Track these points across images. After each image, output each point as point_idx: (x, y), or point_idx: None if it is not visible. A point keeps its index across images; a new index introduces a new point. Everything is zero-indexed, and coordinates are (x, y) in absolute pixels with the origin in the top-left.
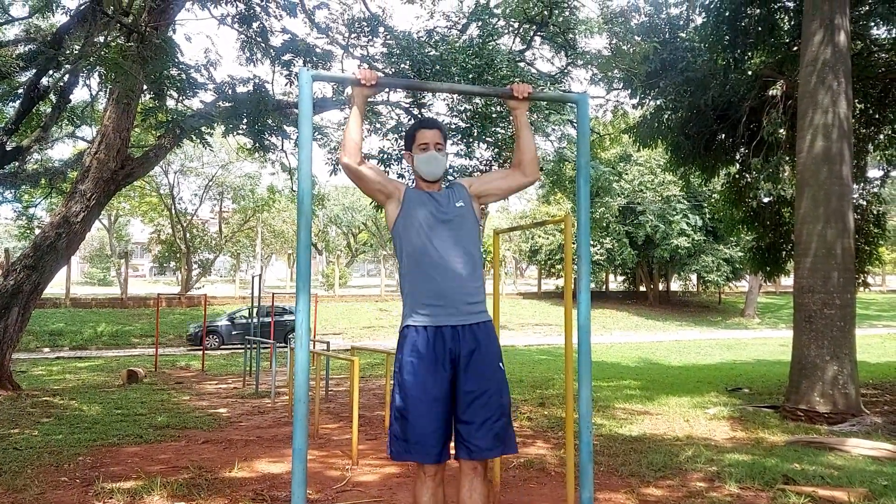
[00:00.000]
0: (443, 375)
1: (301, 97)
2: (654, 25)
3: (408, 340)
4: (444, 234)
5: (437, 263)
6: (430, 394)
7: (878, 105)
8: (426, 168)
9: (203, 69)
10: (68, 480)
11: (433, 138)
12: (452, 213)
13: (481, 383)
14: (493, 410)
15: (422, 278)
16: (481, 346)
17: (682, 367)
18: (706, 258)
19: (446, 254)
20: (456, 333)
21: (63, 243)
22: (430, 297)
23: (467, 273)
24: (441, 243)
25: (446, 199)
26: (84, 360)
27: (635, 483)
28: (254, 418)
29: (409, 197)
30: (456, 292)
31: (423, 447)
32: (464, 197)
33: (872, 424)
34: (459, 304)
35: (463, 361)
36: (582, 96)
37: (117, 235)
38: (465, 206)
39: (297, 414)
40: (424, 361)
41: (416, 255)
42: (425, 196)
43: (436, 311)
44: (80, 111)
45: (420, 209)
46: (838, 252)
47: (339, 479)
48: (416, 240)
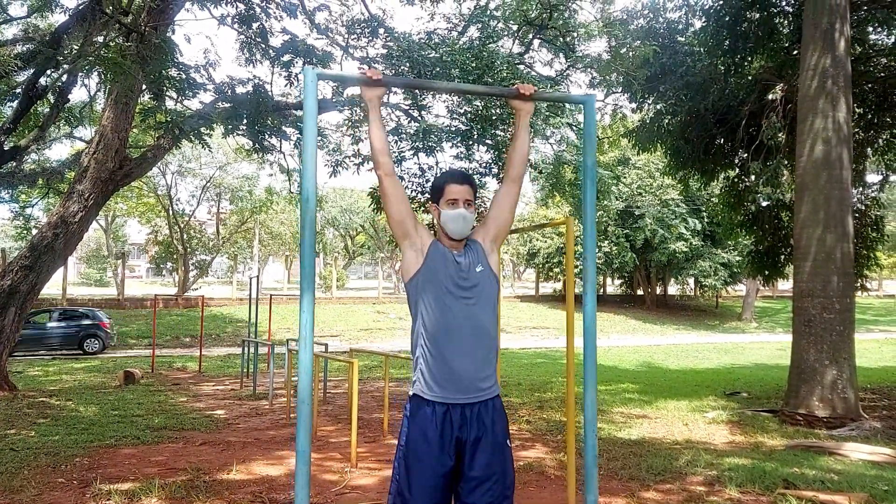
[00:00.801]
0: (447, 463)
1: (305, 96)
2: (654, 30)
3: (416, 421)
4: (463, 307)
5: (453, 342)
6: (433, 480)
7: (876, 110)
8: (454, 226)
9: (202, 69)
10: (65, 482)
11: (463, 194)
12: (473, 279)
13: (485, 470)
14: (495, 495)
15: (436, 354)
16: (488, 431)
17: (679, 370)
18: (704, 262)
19: (464, 332)
20: (464, 417)
21: (60, 243)
22: (442, 375)
23: (482, 354)
24: (459, 321)
25: (467, 263)
26: (80, 360)
27: (635, 487)
28: (251, 420)
29: (432, 254)
30: (469, 373)
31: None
32: (482, 260)
33: (871, 429)
34: (471, 384)
35: (469, 448)
36: (588, 97)
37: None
38: (484, 270)
39: (300, 415)
40: (431, 448)
41: (432, 327)
42: (449, 257)
43: (447, 389)
44: (78, 111)
45: (442, 272)
46: (838, 256)
47: (337, 482)
48: (435, 311)
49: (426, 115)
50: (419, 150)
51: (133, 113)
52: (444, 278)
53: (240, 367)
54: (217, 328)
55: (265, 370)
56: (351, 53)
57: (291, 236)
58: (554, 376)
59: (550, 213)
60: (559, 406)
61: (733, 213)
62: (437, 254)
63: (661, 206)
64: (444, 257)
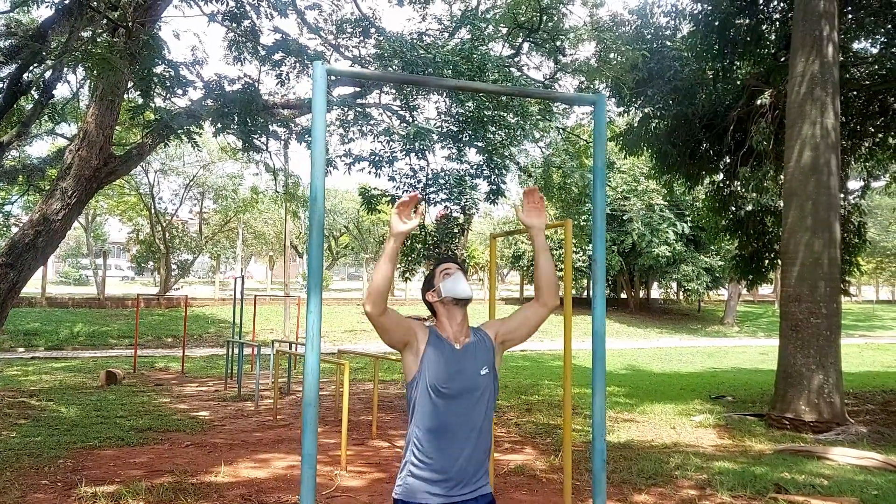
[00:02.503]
0: None
1: (315, 92)
2: (642, 34)
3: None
4: (461, 409)
5: (449, 443)
6: None
7: (860, 117)
8: (457, 287)
9: (191, 67)
10: (49, 483)
11: (454, 266)
12: (475, 382)
13: None
14: None
15: (431, 453)
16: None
17: (664, 374)
18: (687, 267)
19: (460, 434)
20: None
21: (42, 241)
22: (436, 474)
23: (477, 455)
24: (457, 420)
25: (471, 362)
26: (60, 360)
27: (627, 490)
28: (237, 421)
29: (428, 356)
30: (463, 473)
31: None
32: (489, 360)
33: (857, 433)
34: (463, 483)
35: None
36: (599, 97)
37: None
38: (489, 373)
39: (306, 418)
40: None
41: (425, 426)
42: (448, 353)
43: (439, 488)
44: (61, 107)
45: (441, 370)
46: (825, 262)
47: (326, 486)
48: (432, 414)
49: (418, 117)
50: (410, 152)
51: (118, 110)
52: (444, 381)
53: (224, 367)
54: (199, 328)
55: (249, 371)
56: (342, 53)
57: (275, 236)
58: (540, 379)
59: None
60: (547, 409)
61: (718, 217)
62: (434, 353)
63: (647, 210)
64: (442, 355)
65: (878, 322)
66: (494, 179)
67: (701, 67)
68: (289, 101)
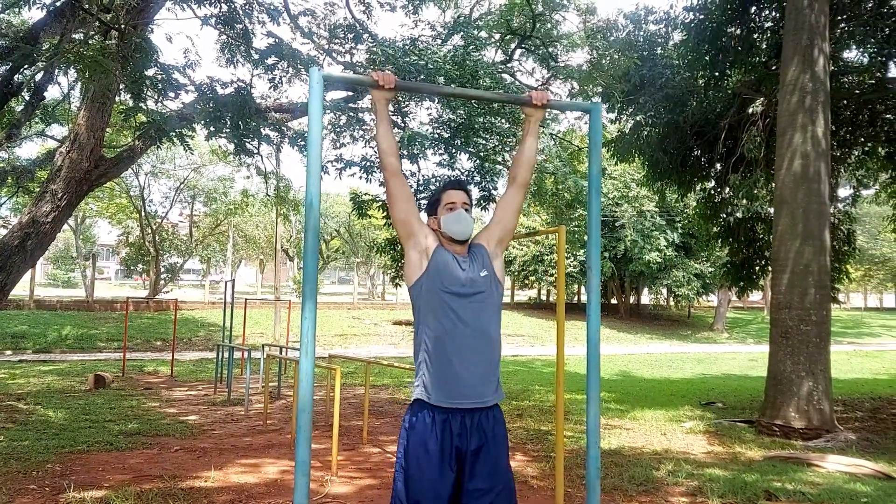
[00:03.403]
0: (449, 475)
1: (311, 97)
2: (634, 42)
3: (416, 432)
4: (467, 311)
5: (456, 346)
6: (435, 492)
7: (850, 126)
8: (456, 227)
9: (183, 70)
10: (37, 488)
11: (461, 198)
12: (478, 285)
13: (487, 482)
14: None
15: (438, 359)
16: (489, 442)
17: (654, 380)
18: (677, 273)
19: (467, 337)
20: (464, 426)
21: (32, 244)
22: (443, 379)
23: (485, 359)
24: (463, 325)
25: (471, 267)
26: (48, 363)
27: (618, 497)
28: (227, 426)
29: (435, 259)
30: (471, 378)
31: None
32: (486, 264)
33: (846, 440)
34: (472, 390)
35: (470, 458)
36: (595, 105)
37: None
38: (489, 276)
39: (300, 424)
40: (431, 458)
41: (435, 331)
42: (452, 262)
43: (448, 394)
44: (51, 109)
45: (446, 277)
46: (815, 269)
47: (317, 492)
48: (439, 316)
49: (409, 123)
50: (403, 157)
51: (110, 112)
52: (449, 283)
53: (213, 371)
54: (189, 332)
55: (239, 375)
56: (335, 58)
57: (266, 240)
58: (531, 384)
59: (528, 222)
60: (538, 414)
61: (709, 224)
62: (441, 258)
63: (638, 216)
64: (448, 262)
65: (866, 329)
66: (486, 185)
67: (692, 75)
68: (281, 104)
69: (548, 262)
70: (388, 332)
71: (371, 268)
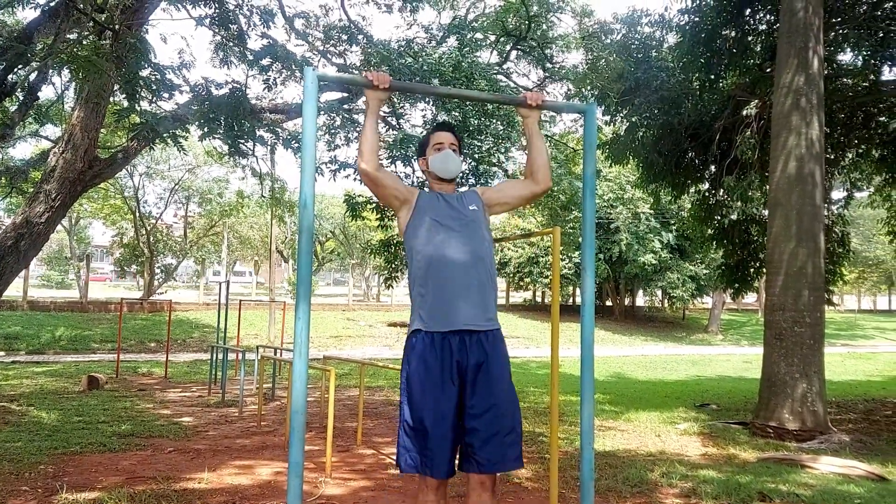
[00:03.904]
0: (451, 390)
1: (305, 98)
2: (628, 44)
3: (415, 352)
4: (457, 240)
5: (449, 271)
6: (439, 409)
7: (844, 128)
8: (441, 165)
9: (178, 70)
10: (30, 489)
11: (448, 139)
12: (466, 216)
13: (490, 397)
14: (502, 424)
15: (433, 285)
16: (489, 359)
17: (649, 381)
18: (672, 275)
19: (459, 261)
20: (463, 343)
21: (25, 245)
22: (440, 303)
23: (479, 281)
24: (454, 251)
25: (459, 203)
26: (42, 364)
27: (612, 498)
28: (221, 428)
29: (421, 201)
30: (466, 303)
31: (435, 462)
32: (476, 202)
33: (840, 442)
34: (468, 313)
35: (471, 375)
36: (590, 106)
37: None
38: (478, 211)
39: (294, 425)
40: (432, 376)
41: (427, 261)
42: (438, 199)
43: (445, 318)
44: (45, 109)
45: (432, 212)
46: (809, 271)
47: (310, 493)
48: (429, 246)
49: (405, 125)
50: (397, 160)
51: (104, 112)
52: (436, 215)
53: (208, 373)
54: (183, 333)
55: (233, 376)
56: (329, 59)
57: (261, 241)
58: (526, 386)
59: (524, 224)
60: (533, 416)
61: (704, 226)
62: (427, 198)
63: (633, 218)
64: (435, 198)
65: (859, 331)
66: (485, 183)
67: (687, 77)
68: (276, 105)
69: (543, 264)
70: (382, 333)
71: (366, 269)
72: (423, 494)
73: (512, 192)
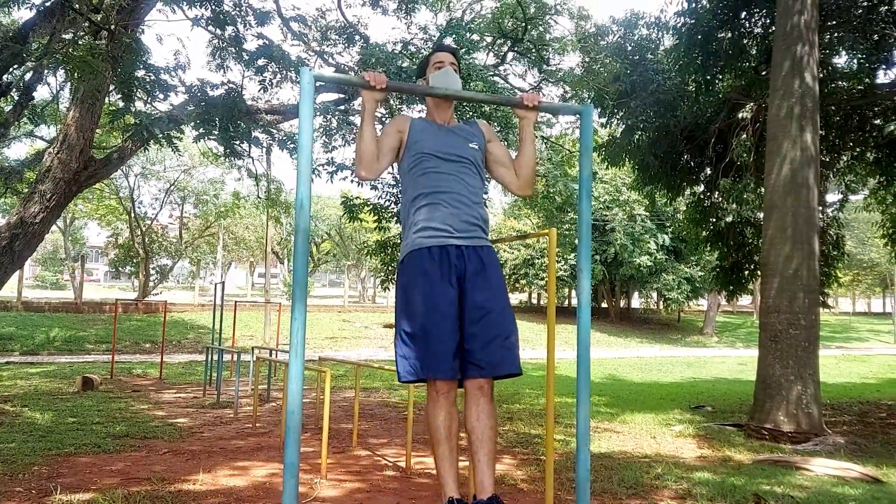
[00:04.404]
0: (451, 292)
1: (301, 98)
2: (625, 47)
3: (412, 262)
4: (451, 168)
5: (442, 192)
6: (440, 310)
7: (839, 131)
8: (442, 83)
9: (173, 72)
10: (23, 490)
11: (448, 58)
12: (464, 153)
13: (489, 300)
14: (501, 328)
15: (427, 207)
16: (486, 267)
17: (644, 383)
18: (667, 277)
19: (452, 188)
20: (461, 253)
21: (20, 245)
22: (435, 222)
23: (472, 203)
24: (448, 178)
25: (460, 136)
26: (36, 365)
27: (607, 500)
28: (216, 429)
29: (414, 131)
30: (462, 219)
31: (438, 363)
32: (479, 140)
33: (835, 444)
34: (464, 228)
35: (469, 279)
36: (586, 108)
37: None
38: (478, 151)
39: (289, 425)
40: (431, 279)
41: (421, 186)
42: (435, 128)
43: (440, 234)
44: (41, 110)
45: (428, 140)
46: (804, 274)
47: (306, 494)
48: (422, 174)
49: None
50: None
51: (99, 113)
52: (431, 145)
53: (203, 374)
54: (178, 334)
55: (228, 378)
56: (326, 60)
57: (256, 241)
58: (521, 387)
59: (519, 225)
60: (528, 418)
61: (699, 229)
62: (420, 127)
63: (629, 220)
64: (429, 128)
65: (854, 333)
66: None
67: (683, 80)
68: (273, 106)
69: (539, 266)
70: (378, 334)
71: (362, 271)
72: (433, 401)
73: (499, 169)
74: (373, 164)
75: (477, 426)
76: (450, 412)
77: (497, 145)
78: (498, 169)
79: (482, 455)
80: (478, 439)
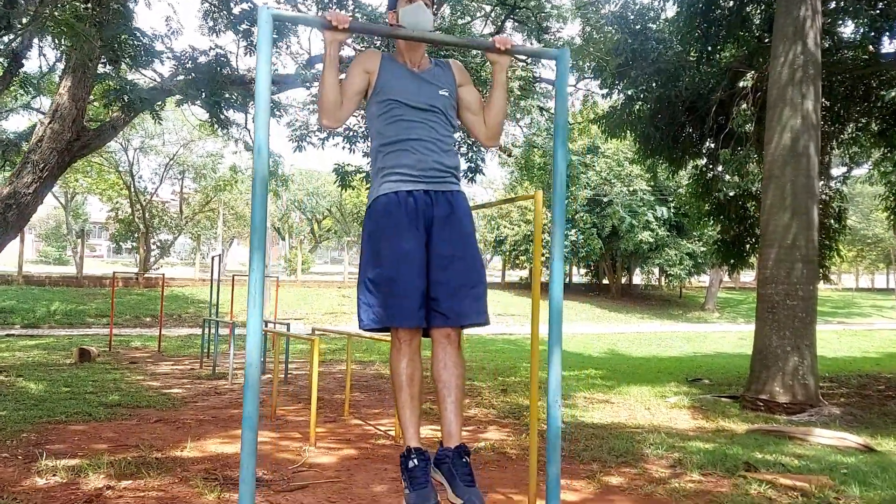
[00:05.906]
0: (418, 238)
1: (259, 38)
2: (625, 16)
3: (377, 207)
4: (422, 119)
5: (410, 143)
6: (406, 256)
7: (843, 102)
8: (412, 19)
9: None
10: (9, 456)
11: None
12: (435, 101)
13: (457, 248)
14: (469, 276)
15: (394, 153)
16: (456, 212)
17: (643, 357)
18: (669, 252)
19: (422, 136)
20: (429, 198)
21: (13, 215)
22: (403, 167)
23: (441, 151)
24: (417, 130)
25: (430, 82)
26: (35, 338)
27: (597, 468)
28: (209, 399)
29: (384, 72)
30: (430, 165)
31: (402, 311)
32: (450, 86)
33: (830, 415)
34: (434, 173)
35: (437, 224)
36: (561, 51)
37: (74, 214)
38: (448, 98)
39: (248, 378)
40: (397, 225)
41: (389, 131)
42: (405, 73)
43: (408, 178)
44: (36, 82)
45: (399, 86)
46: (802, 244)
47: (294, 461)
48: (394, 125)
49: None
50: None
51: (92, 81)
52: (400, 92)
53: (200, 346)
54: (179, 308)
55: (226, 350)
56: None
57: None
58: (518, 361)
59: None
60: (523, 390)
61: (701, 202)
62: (389, 69)
63: (629, 194)
64: (400, 71)
65: (856, 309)
66: (473, 157)
67: (685, 49)
68: None
69: (527, 235)
70: None
71: None
72: (395, 349)
73: (468, 116)
74: (336, 112)
75: (444, 374)
76: (412, 360)
77: (468, 90)
78: (466, 115)
79: (449, 403)
80: (445, 387)
